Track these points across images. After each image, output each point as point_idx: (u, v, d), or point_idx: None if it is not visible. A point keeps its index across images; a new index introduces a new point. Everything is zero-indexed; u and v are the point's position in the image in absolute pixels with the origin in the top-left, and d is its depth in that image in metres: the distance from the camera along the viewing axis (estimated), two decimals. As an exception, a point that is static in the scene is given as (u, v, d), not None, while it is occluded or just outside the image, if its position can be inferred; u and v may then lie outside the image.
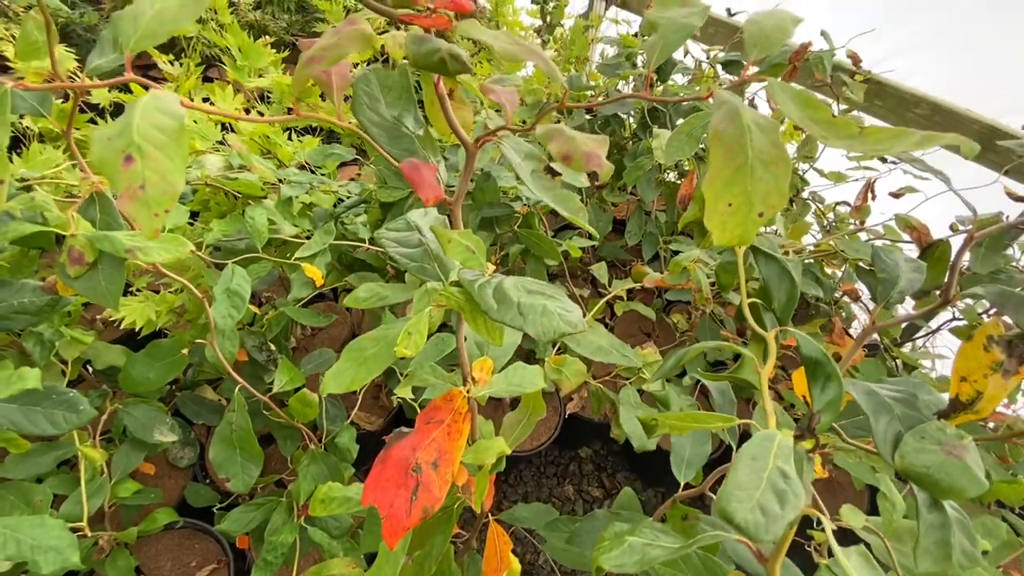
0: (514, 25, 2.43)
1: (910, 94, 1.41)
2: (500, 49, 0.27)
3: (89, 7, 2.01)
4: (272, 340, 0.86)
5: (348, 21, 0.29)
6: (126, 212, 0.21)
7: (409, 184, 0.99)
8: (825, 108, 0.23)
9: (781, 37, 0.27)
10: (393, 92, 0.39)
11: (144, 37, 0.27)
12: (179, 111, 0.23)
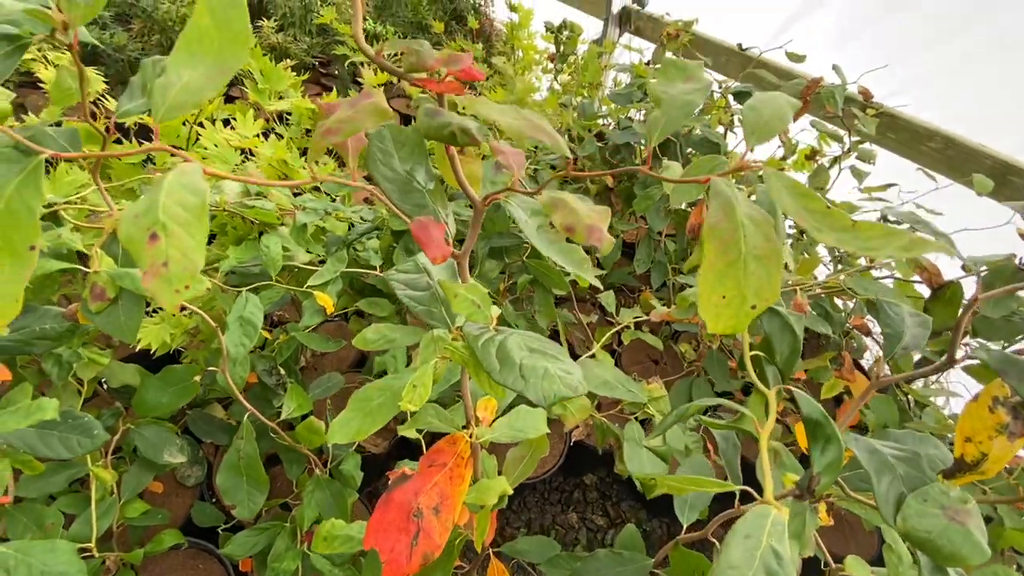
0: (529, 49, 2.46)
1: (923, 127, 1.41)
2: (507, 126, 0.28)
3: (119, 27, 2.08)
4: (282, 364, 0.88)
5: (364, 94, 0.31)
6: (149, 289, 0.22)
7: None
8: (820, 199, 0.23)
9: (779, 125, 0.28)
10: (406, 148, 0.41)
11: (172, 108, 0.29)
12: (203, 187, 0.25)
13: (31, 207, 0.26)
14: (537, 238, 0.36)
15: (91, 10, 0.37)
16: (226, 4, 0.30)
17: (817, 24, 1.58)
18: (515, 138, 0.28)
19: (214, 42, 0.30)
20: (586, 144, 1.31)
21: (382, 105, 0.30)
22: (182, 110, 0.29)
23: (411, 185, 0.40)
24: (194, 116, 1.31)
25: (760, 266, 0.21)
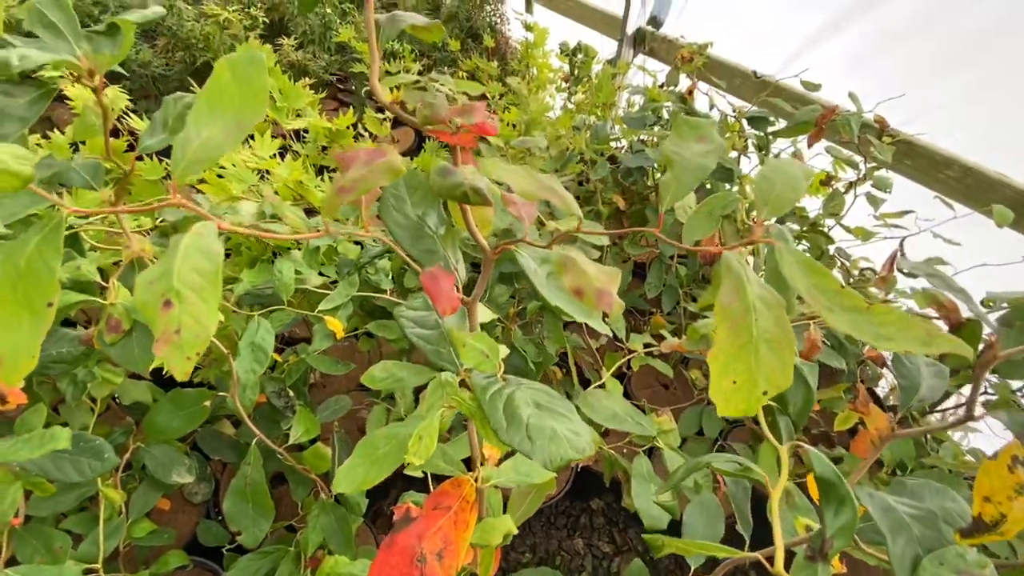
0: (543, 67, 2.49)
1: (940, 155, 1.40)
2: (519, 187, 0.29)
3: (144, 44, 2.14)
4: (291, 386, 0.88)
5: (378, 152, 0.31)
6: (161, 356, 0.23)
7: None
8: (834, 278, 0.23)
9: (792, 197, 0.28)
10: (419, 192, 0.41)
11: (191, 164, 0.29)
12: (217, 251, 0.25)
13: (50, 265, 0.27)
14: (546, 288, 0.36)
15: (115, 58, 0.38)
16: (246, 62, 0.31)
17: (833, 49, 1.58)
18: (526, 198, 0.28)
19: (234, 99, 0.31)
20: (598, 167, 1.32)
21: (396, 164, 0.30)
22: (201, 166, 0.29)
23: (422, 231, 0.40)
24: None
25: (772, 351, 0.21)
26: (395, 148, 0.31)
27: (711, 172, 1.02)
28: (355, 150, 0.36)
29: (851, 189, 1.44)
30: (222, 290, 0.25)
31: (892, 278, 0.95)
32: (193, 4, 2.27)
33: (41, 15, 0.38)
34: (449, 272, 0.37)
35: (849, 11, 1.50)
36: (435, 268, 0.34)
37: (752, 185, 1.36)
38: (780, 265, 0.23)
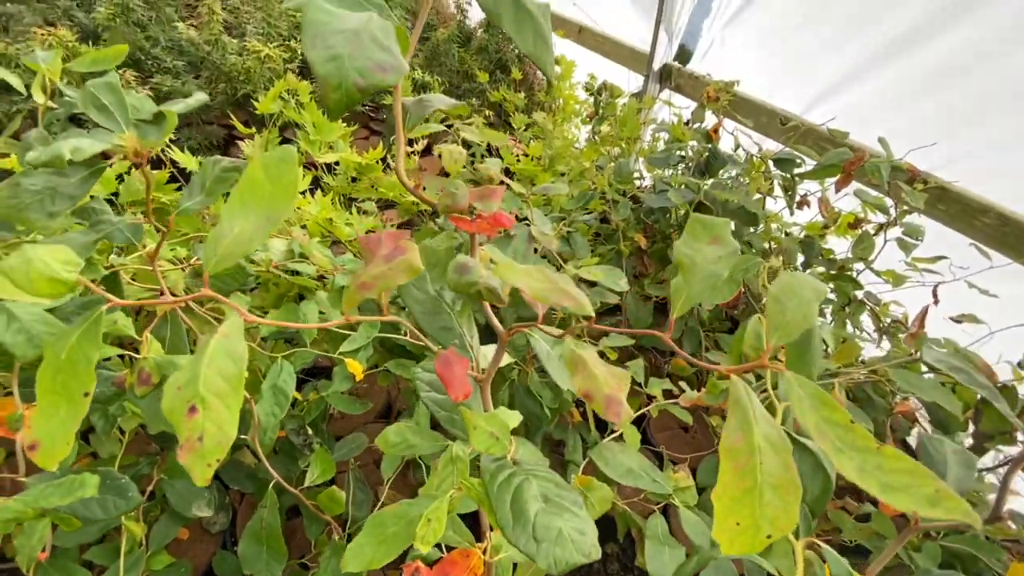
0: (569, 99, 2.52)
1: (976, 201, 1.36)
2: (531, 290, 0.29)
3: (190, 76, 2.25)
4: (310, 423, 0.90)
5: (398, 248, 0.33)
6: (184, 463, 0.24)
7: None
8: (844, 412, 0.23)
9: (803, 323, 0.28)
10: (438, 268, 0.42)
11: (223, 259, 0.31)
12: (242, 353, 0.26)
13: (89, 357, 0.28)
14: (559, 372, 0.36)
15: (159, 141, 0.41)
16: (279, 159, 0.33)
17: (866, 92, 1.56)
18: (539, 300, 0.29)
19: (265, 193, 0.33)
20: (620, 207, 1.32)
21: (415, 263, 0.31)
22: (232, 259, 0.31)
23: (440, 306, 0.41)
24: (249, 169, 1.39)
25: (776, 496, 0.21)
26: (406, 237, 0.32)
27: (736, 214, 1.01)
28: (378, 236, 0.38)
29: (881, 232, 1.41)
30: (243, 393, 0.26)
31: (922, 335, 0.92)
32: (237, 38, 2.39)
33: (94, 98, 0.41)
34: (463, 355, 0.37)
35: (884, 54, 1.49)
36: (450, 352, 0.35)
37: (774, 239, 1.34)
38: (789, 395, 0.23)
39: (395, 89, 0.41)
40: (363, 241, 0.38)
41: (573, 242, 1.27)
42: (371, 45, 0.30)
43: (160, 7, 2.28)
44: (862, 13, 1.48)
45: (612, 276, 0.96)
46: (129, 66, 2.16)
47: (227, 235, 0.31)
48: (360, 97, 0.30)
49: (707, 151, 1.41)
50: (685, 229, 0.33)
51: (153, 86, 2.07)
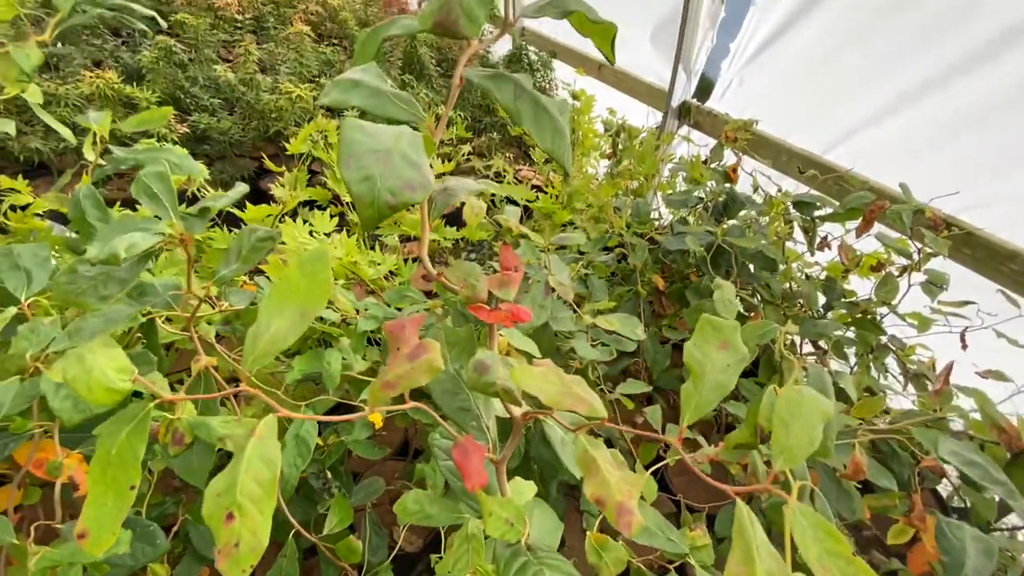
0: (588, 132, 2.56)
1: (1002, 247, 1.33)
2: (545, 396, 0.31)
3: (225, 113, 2.37)
4: (330, 467, 0.92)
5: (421, 347, 0.35)
6: (220, 569, 0.26)
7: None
8: (846, 543, 0.24)
9: (808, 448, 0.28)
10: (457, 347, 0.44)
11: (260, 357, 0.33)
12: (276, 458, 0.29)
13: (137, 453, 0.31)
14: (572, 464, 0.37)
15: (202, 226, 0.44)
16: (314, 259, 0.35)
17: (884, 136, 1.56)
18: (553, 406, 0.31)
19: (301, 291, 0.35)
20: (638, 251, 1.33)
21: (436, 363, 0.33)
22: (268, 357, 0.34)
23: (459, 385, 0.43)
24: (278, 210, 1.45)
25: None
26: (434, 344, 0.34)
27: (755, 259, 1.01)
28: (402, 323, 0.40)
29: (905, 273, 1.39)
30: (276, 497, 0.28)
31: (947, 392, 0.90)
32: (271, 76, 2.51)
33: (147, 187, 0.45)
34: (480, 439, 0.39)
35: (904, 99, 1.48)
36: (467, 441, 0.37)
37: (794, 280, 1.33)
38: (792, 526, 0.24)
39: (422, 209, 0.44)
40: (388, 329, 0.40)
41: (590, 284, 1.29)
42: (401, 164, 0.33)
43: (200, 48, 2.41)
44: (881, 61, 1.49)
45: (629, 324, 0.97)
46: (169, 104, 2.28)
47: (264, 334, 0.34)
48: (390, 213, 0.32)
49: (725, 193, 1.42)
50: (696, 330, 0.34)
51: (191, 124, 2.18)
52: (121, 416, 0.30)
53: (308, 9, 3.35)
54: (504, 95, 0.43)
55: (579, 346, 0.90)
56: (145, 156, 0.83)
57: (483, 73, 0.45)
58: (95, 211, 0.76)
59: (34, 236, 1.14)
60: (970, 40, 1.31)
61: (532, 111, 0.43)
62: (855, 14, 1.50)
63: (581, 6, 0.52)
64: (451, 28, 0.41)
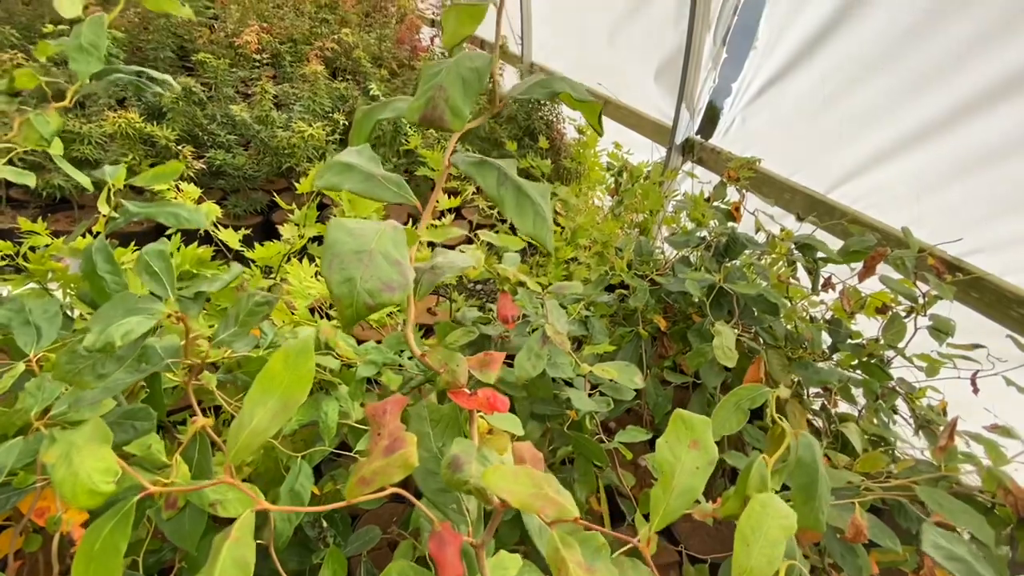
0: (594, 166, 2.60)
1: (1011, 291, 1.32)
2: (515, 499, 0.31)
3: (241, 149, 2.44)
4: (325, 516, 0.92)
5: (397, 441, 0.36)
6: None
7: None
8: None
9: (767, 569, 0.29)
10: (441, 425, 0.45)
11: (242, 450, 0.35)
12: (249, 561, 0.29)
13: (118, 548, 0.32)
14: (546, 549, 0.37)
15: (198, 308, 0.46)
16: (298, 352, 0.37)
17: (888, 176, 1.56)
18: (524, 509, 0.31)
19: (283, 382, 0.36)
20: (638, 294, 1.34)
21: (410, 460, 0.34)
22: (250, 449, 0.35)
23: (440, 464, 0.44)
24: (287, 249, 1.48)
25: None
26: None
27: (756, 302, 1.00)
28: (383, 406, 0.41)
29: (912, 314, 1.37)
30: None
31: (952, 449, 0.88)
32: (286, 111, 2.59)
33: (147, 264, 0.47)
34: (460, 523, 0.39)
35: (907, 141, 1.49)
36: (444, 530, 0.37)
37: (800, 319, 1.32)
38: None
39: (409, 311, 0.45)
40: (370, 413, 0.41)
41: (591, 326, 1.29)
42: (382, 263, 0.34)
43: (219, 87, 2.51)
44: (882, 104, 1.50)
45: (627, 373, 0.97)
46: (187, 141, 2.36)
47: (247, 426, 0.35)
48: (369, 313, 0.33)
49: (727, 235, 1.43)
50: (668, 426, 0.34)
51: (207, 160, 2.25)
52: (105, 513, 0.31)
53: (324, 46, 3.47)
54: (487, 182, 0.45)
55: (575, 397, 0.90)
56: (156, 209, 0.86)
57: (469, 160, 0.47)
58: (106, 265, 0.79)
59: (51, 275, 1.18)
60: (972, 84, 1.32)
61: (514, 198, 0.44)
62: (854, 61, 1.52)
63: (566, 87, 0.54)
64: (437, 123, 0.43)
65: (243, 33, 3.33)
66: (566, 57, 3.17)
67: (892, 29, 1.40)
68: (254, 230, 2.40)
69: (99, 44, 0.72)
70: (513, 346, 1.13)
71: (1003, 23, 1.21)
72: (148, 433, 0.64)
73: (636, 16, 2.41)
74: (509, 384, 1.00)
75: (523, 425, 1.01)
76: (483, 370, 0.41)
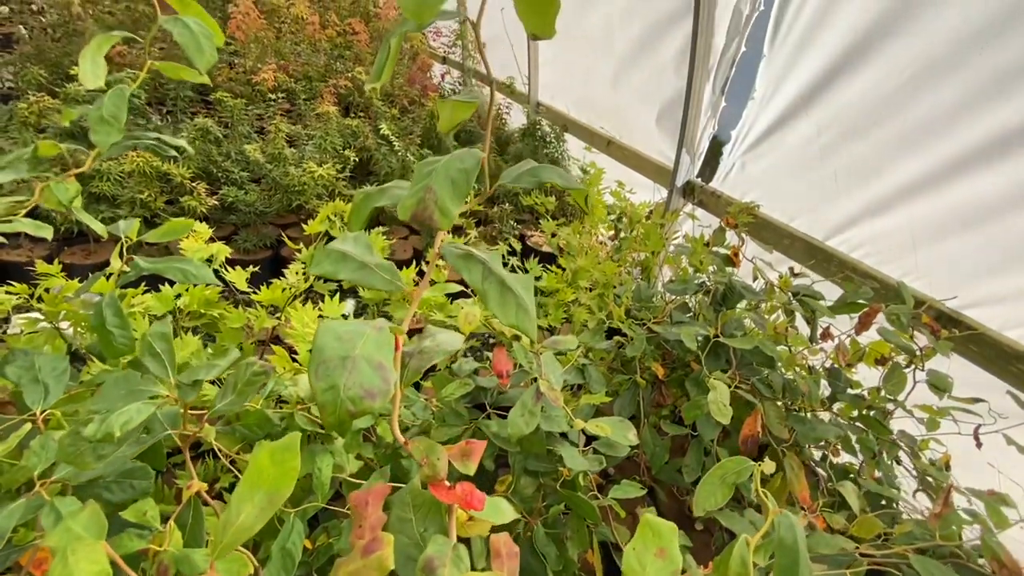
0: (598, 204, 2.63)
1: (1010, 347, 1.31)
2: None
3: (253, 186, 2.51)
4: (318, 569, 0.92)
5: (375, 541, 0.37)
6: None
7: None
8: None
9: None
10: (423, 510, 0.46)
11: (227, 546, 0.36)
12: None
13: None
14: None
15: (194, 393, 0.48)
16: (283, 448, 0.39)
17: (887, 226, 1.58)
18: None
19: (270, 477, 0.38)
20: (635, 343, 1.35)
21: (386, 563, 0.36)
22: (233, 546, 0.36)
23: (421, 549, 0.45)
24: (292, 293, 1.51)
25: None
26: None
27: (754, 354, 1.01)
28: (366, 496, 0.43)
29: (912, 364, 1.36)
30: None
31: (948, 516, 0.87)
32: (299, 148, 2.67)
33: (150, 346, 0.50)
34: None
35: (906, 193, 1.51)
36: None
37: (799, 366, 1.32)
38: None
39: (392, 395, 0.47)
40: (353, 502, 0.43)
41: (587, 375, 1.30)
42: (365, 369, 0.36)
43: (235, 125, 2.60)
44: (880, 156, 1.53)
45: (621, 429, 0.97)
46: (202, 178, 2.44)
47: (233, 522, 0.37)
48: (351, 419, 0.35)
49: (724, 284, 1.45)
50: (636, 532, 0.36)
51: (220, 196, 2.32)
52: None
53: (338, 84, 3.59)
54: (472, 276, 0.47)
55: (568, 456, 0.91)
56: (165, 265, 0.89)
57: (456, 252, 0.49)
58: (115, 319, 0.82)
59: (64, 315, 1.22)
60: (964, 142, 1.35)
61: (498, 292, 0.46)
62: (848, 116, 1.56)
63: (554, 176, 0.57)
64: (427, 222, 0.46)
65: (261, 71, 3.46)
66: (571, 97, 3.25)
67: (882, 88, 1.44)
68: (264, 264, 2.45)
69: (120, 116, 0.77)
70: (509, 398, 1.14)
71: (995, 87, 1.25)
72: (145, 493, 0.66)
73: (638, 62, 2.49)
74: (503, 439, 1.00)
75: (517, 480, 1.01)
76: (463, 460, 0.43)
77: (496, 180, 0.59)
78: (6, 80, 3.82)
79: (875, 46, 1.43)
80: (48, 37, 3.72)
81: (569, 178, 0.59)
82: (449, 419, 1.03)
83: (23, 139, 2.20)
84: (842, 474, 1.34)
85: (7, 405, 0.90)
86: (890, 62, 1.40)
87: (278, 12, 4.47)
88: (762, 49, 1.76)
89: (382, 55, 0.47)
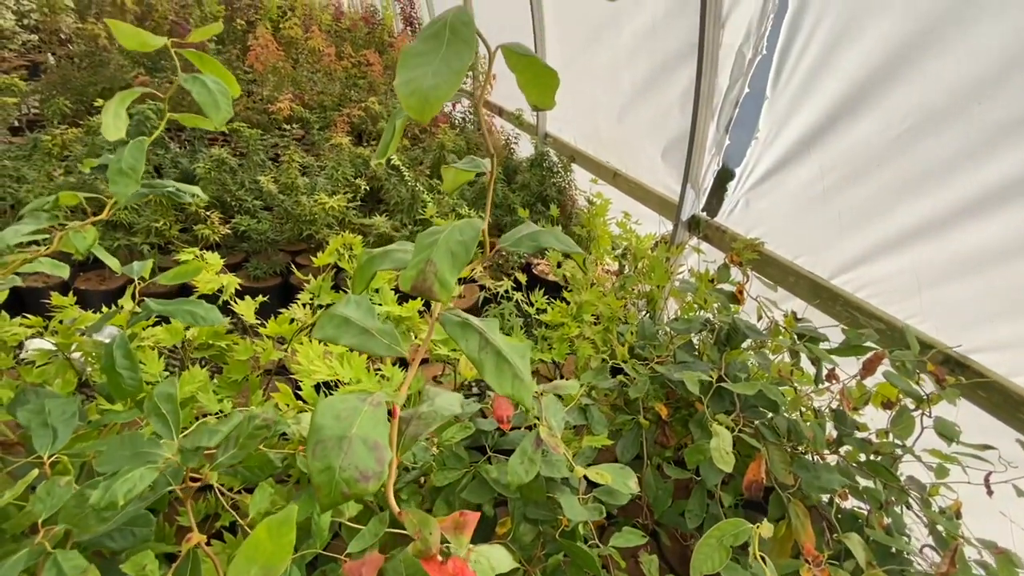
0: (604, 234, 2.65)
1: (1017, 394, 1.30)
2: None
3: (266, 213, 2.57)
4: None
5: (373, 559, 0.38)
6: None
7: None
8: None
9: None
10: None
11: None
12: None
13: None
14: None
15: (197, 458, 0.50)
16: (280, 522, 0.39)
17: (892, 267, 1.58)
18: None
19: (266, 552, 0.39)
20: (638, 384, 1.35)
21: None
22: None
23: (414, 621, 0.45)
24: (298, 326, 1.53)
25: None
26: None
27: (757, 397, 1.00)
28: (359, 566, 0.43)
29: (920, 408, 1.34)
30: None
31: (957, 574, 0.85)
32: (312, 179, 2.73)
33: (156, 407, 0.51)
34: None
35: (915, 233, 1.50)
36: None
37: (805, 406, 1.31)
38: None
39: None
40: (347, 572, 0.43)
41: (590, 416, 1.30)
42: (360, 450, 0.38)
43: (250, 155, 2.67)
44: (885, 198, 1.54)
45: (622, 477, 0.97)
46: (216, 206, 2.50)
47: None
48: (345, 500, 0.36)
49: (727, 324, 1.45)
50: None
51: (233, 225, 2.37)
52: None
53: (351, 113, 3.69)
54: (469, 345, 0.48)
55: (567, 505, 0.90)
56: (175, 308, 0.92)
57: (454, 320, 0.51)
58: (124, 361, 0.84)
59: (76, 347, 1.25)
60: (964, 190, 1.36)
61: (494, 362, 0.48)
62: (850, 159, 1.57)
63: (553, 242, 0.59)
64: (427, 293, 0.47)
65: (278, 100, 3.56)
66: (578, 129, 3.31)
67: (884, 135, 1.46)
68: (273, 291, 2.49)
69: (138, 168, 0.80)
70: (510, 440, 1.14)
71: (995, 138, 1.26)
72: (146, 540, 0.67)
73: (644, 99, 2.53)
74: (503, 486, 1.00)
75: (516, 527, 1.01)
76: (456, 533, 0.43)
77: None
78: (32, 107, 3.97)
79: (876, 93, 1.46)
80: (75, 66, 3.86)
81: (567, 242, 0.61)
82: (449, 462, 1.03)
83: (47, 169, 2.27)
84: (850, 519, 1.32)
85: (15, 446, 0.91)
86: (891, 110, 1.42)
87: (296, 44, 4.63)
88: (765, 90, 1.79)
89: (387, 135, 0.49)
